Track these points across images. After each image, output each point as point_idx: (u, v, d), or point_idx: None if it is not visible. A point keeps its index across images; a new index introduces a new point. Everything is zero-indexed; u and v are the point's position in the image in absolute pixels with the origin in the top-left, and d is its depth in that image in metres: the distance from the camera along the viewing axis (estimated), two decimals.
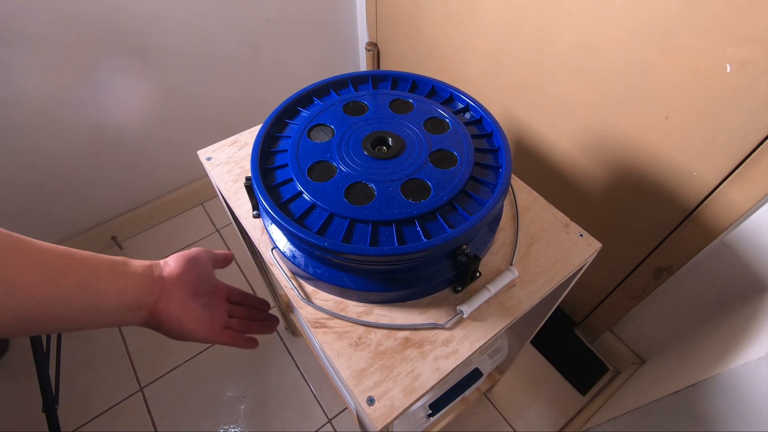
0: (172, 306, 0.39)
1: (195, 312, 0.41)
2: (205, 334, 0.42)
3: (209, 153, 0.65)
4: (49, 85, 1.01)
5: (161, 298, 0.38)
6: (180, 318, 0.39)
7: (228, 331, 0.45)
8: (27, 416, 1.07)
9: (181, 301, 0.40)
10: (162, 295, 0.38)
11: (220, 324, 0.45)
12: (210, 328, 0.43)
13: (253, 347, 0.48)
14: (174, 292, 0.39)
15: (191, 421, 1.07)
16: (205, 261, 0.44)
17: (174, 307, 0.39)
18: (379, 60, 1.42)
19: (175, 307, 0.39)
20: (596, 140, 0.85)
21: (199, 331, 0.41)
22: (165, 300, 0.38)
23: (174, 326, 0.39)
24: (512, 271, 0.49)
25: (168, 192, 1.44)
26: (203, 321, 0.42)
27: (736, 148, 0.65)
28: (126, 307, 0.36)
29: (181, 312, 0.39)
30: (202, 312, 0.42)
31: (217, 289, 0.47)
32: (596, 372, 1.14)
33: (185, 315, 0.40)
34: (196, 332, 0.41)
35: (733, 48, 0.59)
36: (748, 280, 0.72)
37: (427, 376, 0.44)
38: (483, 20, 0.93)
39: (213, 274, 0.45)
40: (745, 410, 0.57)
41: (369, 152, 0.49)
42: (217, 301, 0.46)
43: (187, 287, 0.41)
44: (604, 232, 0.93)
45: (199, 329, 0.41)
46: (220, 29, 1.16)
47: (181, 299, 0.40)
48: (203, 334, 0.42)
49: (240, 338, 0.47)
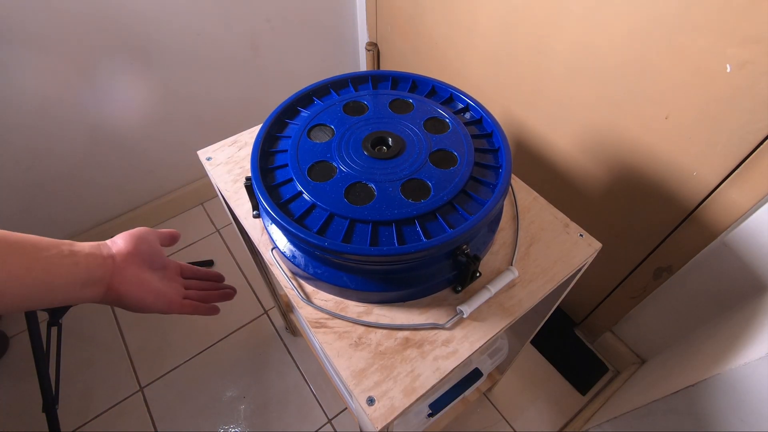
0: (127, 279, 0.40)
1: (152, 284, 0.43)
2: (165, 304, 0.44)
3: (209, 153, 0.65)
4: (49, 86, 1.01)
5: (115, 273, 0.40)
6: (137, 290, 0.41)
7: (188, 301, 0.47)
8: (27, 416, 1.07)
9: (135, 275, 0.41)
10: (116, 271, 0.40)
11: (178, 295, 0.46)
12: (170, 300, 0.45)
13: (214, 313, 0.50)
14: (127, 266, 0.41)
15: (191, 421, 1.07)
16: (152, 238, 0.45)
17: (129, 280, 0.40)
18: (379, 60, 1.42)
19: (131, 281, 0.40)
20: (596, 140, 0.85)
21: (159, 303, 0.43)
22: (120, 275, 0.40)
23: (133, 298, 0.41)
24: (512, 271, 0.49)
25: (168, 192, 1.44)
26: (161, 293, 0.44)
27: (736, 148, 0.65)
28: (80, 283, 0.37)
29: (137, 284, 0.41)
30: (159, 284, 0.44)
31: (170, 265, 0.49)
32: (596, 372, 1.14)
33: (142, 287, 0.41)
34: (155, 303, 0.43)
35: (733, 48, 0.59)
36: (748, 280, 0.72)
37: (427, 376, 0.44)
38: (483, 20, 0.93)
39: (162, 251, 0.47)
40: (745, 410, 0.57)
41: (369, 152, 0.49)
42: (171, 275, 0.48)
43: (140, 261, 0.42)
44: (604, 232, 0.93)
45: (158, 300, 0.43)
46: (220, 29, 1.16)
47: (135, 273, 0.41)
48: (163, 304, 0.44)
49: (201, 306, 0.48)
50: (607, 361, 1.15)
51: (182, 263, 0.51)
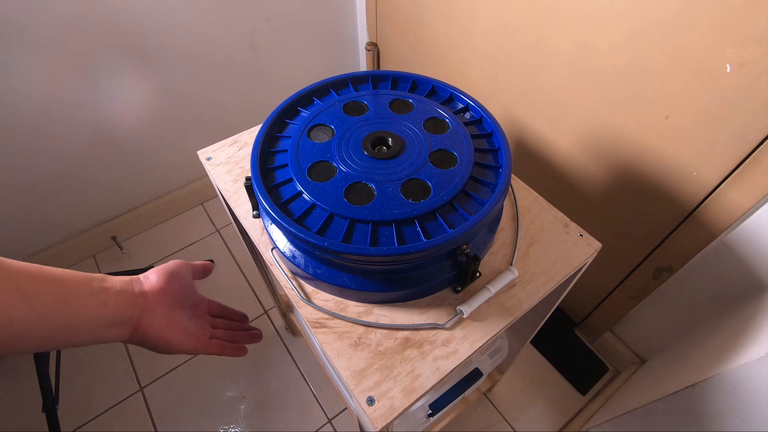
0: (157, 320, 0.39)
1: (180, 324, 0.41)
2: (192, 345, 0.42)
3: (209, 153, 0.65)
4: (49, 86, 1.01)
5: (145, 312, 0.38)
6: (166, 331, 0.39)
7: (215, 341, 0.45)
8: (27, 416, 1.07)
9: (165, 314, 0.39)
10: (146, 310, 0.38)
11: (205, 335, 0.45)
12: (197, 339, 0.43)
13: (242, 354, 0.48)
14: (158, 306, 0.39)
15: (191, 421, 1.07)
16: (186, 273, 0.44)
17: (158, 321, 0.39)
18: (379, 60, 1.42)
19: (160, 321, 0.39)
20: (596, 140, 0.85)
21: (187, 343, 0.41)
22: (149, 314, 0.38)
23: (160, 340, 0.39)
24: (512, 271, 0.49)
25: (168, 192, 1.44)
26: (189, 332, 0.42)
27: (736, 148, 0.65)
28: (107, 323, 0.35)
29: (166, 325, 0.39)
30: (187, 324, 0.42)
31: (200, 302, 0.47)
32: (596, 372, 1.14)
33: (171, 328, 0.40)
34: (183, 344, 0.41)
35: (733, 48, 0.59)
36: (748, 280, 0.72)
37: (427, 376, 0.44)
38: (483, 20, 0.93)
39: (194, 287, 0.45)
40: (745, 410, 0.57)
41: (369, 152, 0.49)
42: (200, 313, 0.46)
43: (171, 301, 0.40)
44: (604, 232, 0.93)
45: (187, 341, 0.41)
46: (220, 29, 1.16)
47: (165, 313, 0.39)
48: (191, 346, 0.42)
49: (229, 347, 0.47)
50: (607, 361, 1.15)
51: (211, 300, 0.49)
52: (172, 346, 0.40)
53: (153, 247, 1.40)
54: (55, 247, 1.30)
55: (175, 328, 0.40)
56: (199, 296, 0.47)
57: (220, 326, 0.48)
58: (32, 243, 1.25)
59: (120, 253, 1.38)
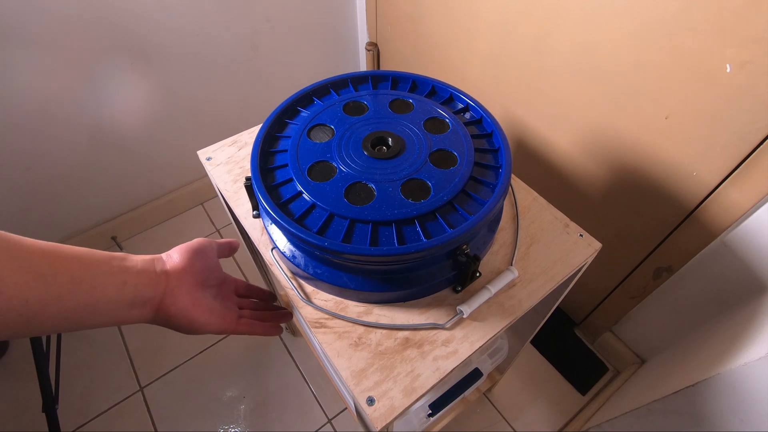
0: (181, 300, 0.37)
1: (205, 304, 0.40)
2: (219, 324, 0.41)
3: (209, 153, 0.65)
4: (49, 86, 1.01)
5: (168, 292, 0.37)
6: (190, 311, 0.38)
7: (244, 320, 0.44)
8: (27, 416, 1.07)
9: (189, 294, 0.38)
10: (168, 290, 0.37)
11: (233, 314, 0.43)
12: (223, 319, 0.41)
13: (276, 334, 0.47)
14: (181, 285, 0.38)
15: (191, 421, 1.07)
16: (210, 251, 0.42)
17: (183, 300, 0.37)
18: (379, 60, 1.42)
19: (184, 301, 0.37)
20: (596, 140, 0.85)
21: (213, 323, 0.40)
22: (171, 294, 0.37)
23: (185, 320, 0.38)
24: (512, 271, 0.49)
25: (168, 192, 1.44)
26: (215, 312, 0.40)
27: (736, 148, 0.65)
28: (127, 304, 0.34)
29: (190, 305, 0.38)
30: (212, 303, 0.41)
31: (226, 281, 0.45)
32: (596, 372, 1.14)
33: (196, 307, 0.38)
34: (209, 324, 0.40)
35: (733, 48, 0.59)
36: (748, 280, 0.72)
37: (427, 376, 0.44)
38: (483, 20, 0.93)
39: (219, 265, 0.43)
40: (745, 410, 0.57)
41: (369, 152, 0.49)
42: (226, 292, 0.45)
43: (195, 279, 0.39)
44: (604, 232, 0.93)
45: (213, 321, 0.40)
46: (220, 29, 1.16)
47: (189, 292, 0.38)
48: (218, 325, 0.40)
49: (258, 325, 0.45)
50: (607, 361, 1.15)
51: (238, 279, 0.48)
52: (197, 326, 0.39)
53: (153, 247, 1.40)
54: None
55: (199, 308, 0.39)
56: (225, 275, 0.45)
57: (247, 306, 0.47)
58: None
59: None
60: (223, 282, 0.45)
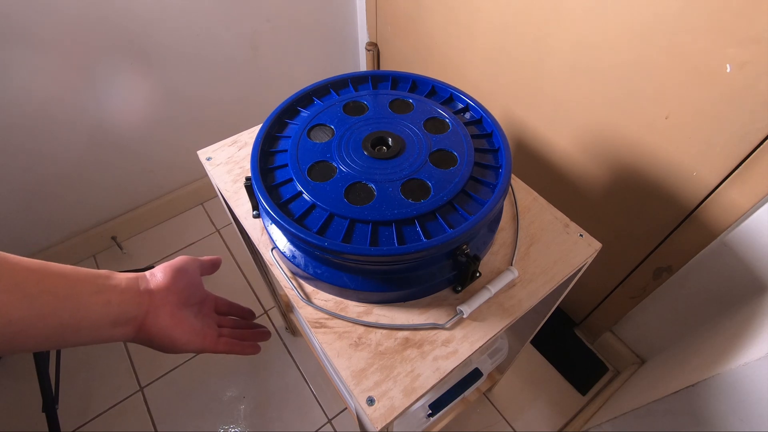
0: (162, 319, 0.37)
1: (187, 323, 0.40)
2: (200, 343, 0.41)
3: (209, 153, 0.65)
4: (49, 86, 1.01)
5: (150, 311, 0.37)
6: (172, 330, 0.38)
7: (224, 339, 0.44)
8: (27, 416, 1.07)
9: (171, 313, 0.38)
10: (151, 309, 0.37)
11: (213, 333, 0.43)
12: (204, 338, 0.41)
13: (255, 352, 0.47)
14: (164, 305, 0.38)
15: (191, 421, 1.07)
16: (193, 270, 0.42)
17: (164, 320, 0.37)
18: (379, 60, 1.42)
19: (166, 320, 0.38)
20: (596, 140, 0.85)
21: (193, 342, 0.40)
22: (154, 313, 0.37)
23: (166, 339, 0.38)
24: (512, 271, 0.49)
25: (168, 192, 1.44)
26: (195, 331, 0.41)
27: (736, 148, 0.65)
28: (110, 322, 0.34)
29: (172, 324, 0.38)
30: (194, 322, 0.41)
31: (207, 299, 0.45)
32: (596, 372, 1.14)
33: (177, 327, 0.38)
34: (190, 343, 0.40)
35: (733, 48, 0.59)
36: (748, 280, 0.72)
37: (427, 376, 0.44)
38: (483, 20, 0.93)
39: (201, 283, 0.44)
40: (745, 410, 0.57)
41: (369, 152, 0.49)
42: (207, 310, 0.45)
43: (177, 299, 0.39)
44: (604, 232, 0.93)
45: (193, 340, 0.40)
46: (220, 29, 1.16)
47: (171, 312, 0.38)
48: (198, 344, 0.41)
49: (237, 344, 0.45)
50: (607, 361, 1.15)
51: (218, 297, 0.48)
52: (178, 346, 0.39)
53: (153, 247, 1.40)
54: (55, 247, 1.29)
55: (181, 327, 0.39)
56: (206, 293, 0.45)
57: (227, 324, 0.47)
58: (32, 243, 1.25)
59: (120, 253, 1.38)
60: (205, 300, 0.45)
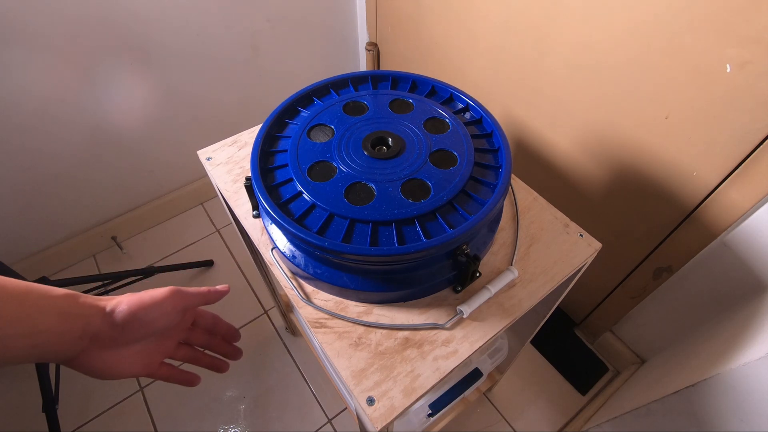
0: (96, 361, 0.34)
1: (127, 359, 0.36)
2: (137, 370, 0.38)
3: (209, 153, 0.65)
4: (49, 86, 1.01)
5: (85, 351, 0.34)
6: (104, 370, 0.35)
7: (165, 366, 0.40)
8: (27, 416, 1.07)
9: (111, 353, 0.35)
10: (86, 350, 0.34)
11: (159, 357, 0.40)
12: (144, 365, 0.38)
13: (190, 385, 0.43)
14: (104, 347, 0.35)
15: (191, 421, 1.07)
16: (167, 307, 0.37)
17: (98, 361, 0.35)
18: (379, 60, 1.42)
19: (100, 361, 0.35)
20: (596, 140, 0.85)
21: (133, 369, 0.37)
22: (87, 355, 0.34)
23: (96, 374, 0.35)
24: (512, 271, 0.49)
25: (168, 192, 1.44)
26: (135, 362, 0.37)
27: (736, 148, 0.65)
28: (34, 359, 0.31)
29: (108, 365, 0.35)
30: (138, 353, 0.37)
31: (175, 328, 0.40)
32: (596, 372, 1.14)
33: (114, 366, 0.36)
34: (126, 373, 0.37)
35: (733, 48, 0.59)
36: (748, 280, 0.72)
37: (427, 376, 0.44)
38: (483, 20, 0.93)
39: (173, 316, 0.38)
40: (745, 410, 0.57)
41: (369, 152, 0.49)
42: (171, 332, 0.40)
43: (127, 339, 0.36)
44: (604, 232, 0.93)
45: (132, 367, 0.37)
46: (220, 29, 1.16)
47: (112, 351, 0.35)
48: (137, 370, 0.37)
49: (177, 374, 0.42)
50: (607, 361, 1.15)
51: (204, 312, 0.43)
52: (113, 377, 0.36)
53: (153, 247, 1.40)
54: (55, 247, 1.30)
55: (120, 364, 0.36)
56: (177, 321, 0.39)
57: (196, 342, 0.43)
58: (32, 243, 1.25)
59: (120, 253, 1.38)
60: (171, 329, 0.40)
